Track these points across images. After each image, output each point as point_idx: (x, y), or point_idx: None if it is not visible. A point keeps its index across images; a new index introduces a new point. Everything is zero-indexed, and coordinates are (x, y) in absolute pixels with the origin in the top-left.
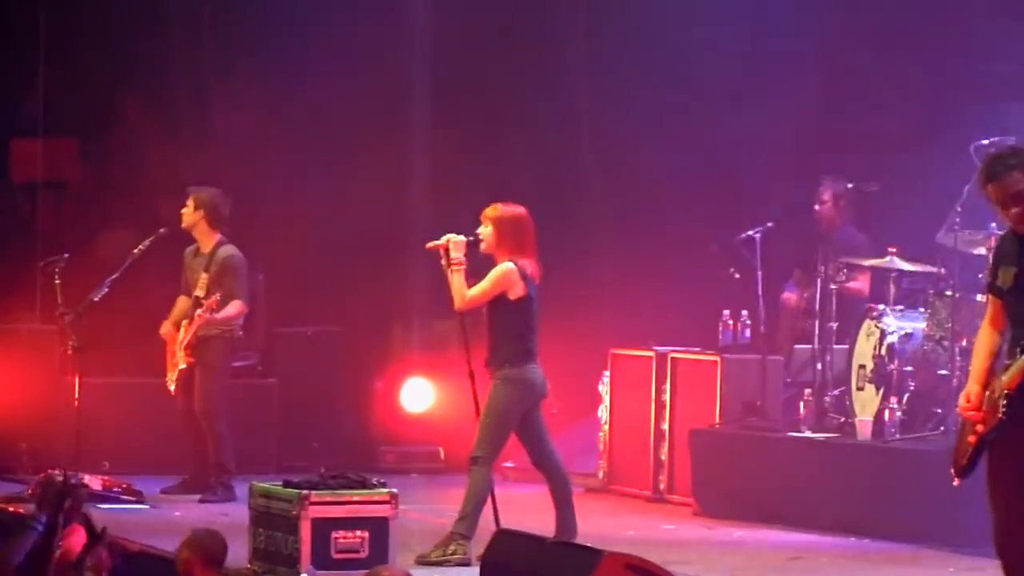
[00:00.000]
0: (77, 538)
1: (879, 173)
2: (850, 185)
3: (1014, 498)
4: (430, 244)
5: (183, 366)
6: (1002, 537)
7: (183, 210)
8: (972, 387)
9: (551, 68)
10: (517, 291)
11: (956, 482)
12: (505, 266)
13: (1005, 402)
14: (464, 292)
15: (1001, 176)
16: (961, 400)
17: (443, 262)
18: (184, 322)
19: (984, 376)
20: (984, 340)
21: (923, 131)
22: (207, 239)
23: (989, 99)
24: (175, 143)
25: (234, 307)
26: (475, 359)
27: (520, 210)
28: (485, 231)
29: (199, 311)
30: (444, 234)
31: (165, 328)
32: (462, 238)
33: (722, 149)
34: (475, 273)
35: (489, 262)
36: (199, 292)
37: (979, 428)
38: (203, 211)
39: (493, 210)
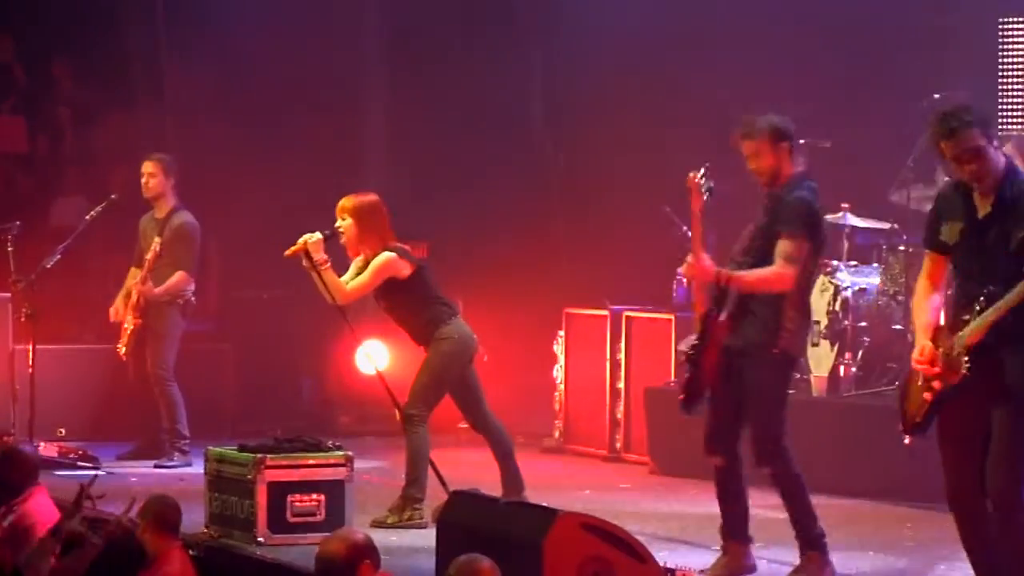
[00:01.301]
0: (34, 503)
1: (831, 129)
2: (802, 141)
3: (967, 455)
4: (288, 251)
5: (130, 327)
6: (955, 494)
7: (150, 180)
8: (924, 342)
9: (506, 34)
10: (404, 271)
11: (907, 440)
12: (384, 257)
13: (967, 358)
14: (342, 287)
15: (957, 132)
16: (916, 354)
17: (305, 264)
18: (134, 283)
19: (932, 332)
20: (925, 296)
21: (873, 86)
22: (165, 205)
23: (935, 51)
24: (127, 112)
25: (176, 277)
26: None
27: (374, 197)
28: (344, 223)
29: (141, 276)
30: (305, 233)
31: (115, 307)
32: (318, 235)
33: (673, 107)
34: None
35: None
36: (149, 256)
37: (935, 384)
38: (173, 178)
39: (349, 201)
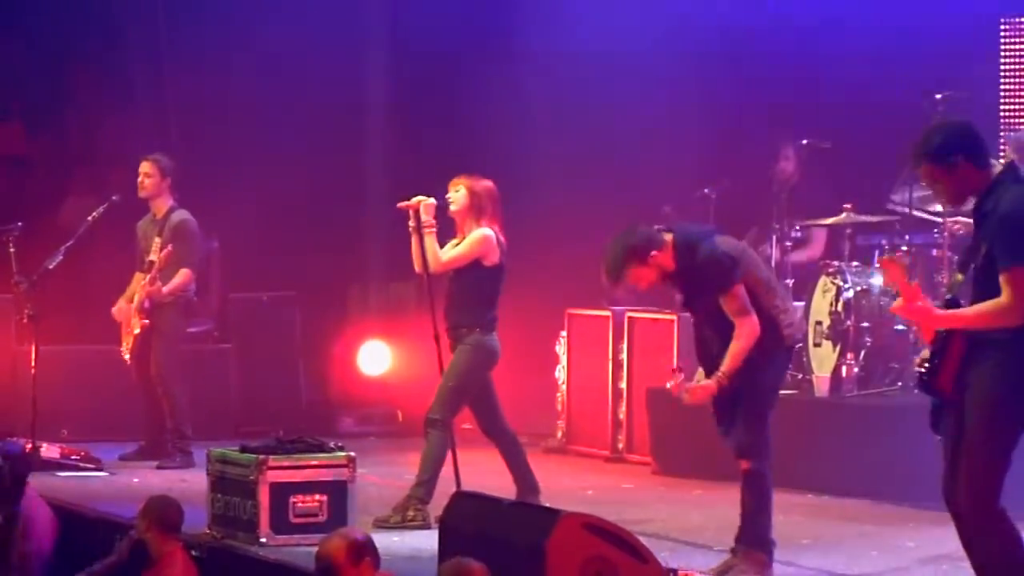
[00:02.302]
0: (25, 502)
1: (832, 130)
2: (804, 142)
3: (953, 450)
4: (401, 203)
5: (137, 331)
6: (946, 493)
7: (146, 180)
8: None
9: (506, 31)
10: (493, 258)
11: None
12: (484, 231)
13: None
14: (439, 255)
15: (914, 160)
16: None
17: (411, 223)
18: (140, 285)
19: None
20: None
21: (874, 86)
22: (163, 205)
23: (937, 51)
24: (128, 112)
25: (181, 276)
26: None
27: (491, 183)
28: (456, 195)
29: (149, 276)
30: (415, 195)
31: (118, 306)
32: (433, 200)
33: (674, 107)
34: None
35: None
36: (152, 257)
37: None
38: (170, 179)
39: (467, 178)
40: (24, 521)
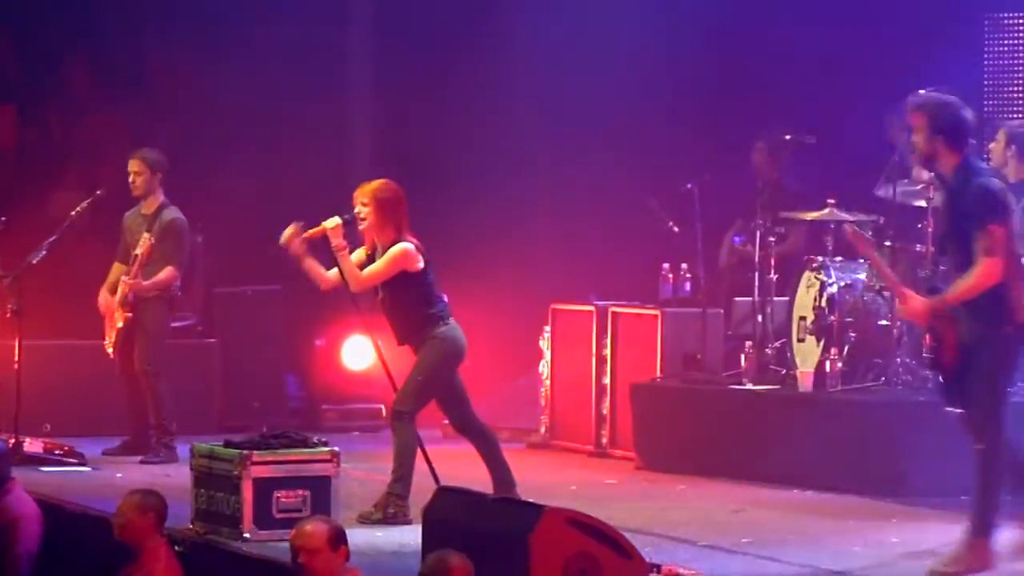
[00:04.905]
0: (13, 498)
1: (817, 124)
2: (788, 137)
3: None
4: (307, 233)
5: (120, 324)
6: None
7: (136, 179)
8: None
9: (493, 20)
10: (417, 265)
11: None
12: (402, 246)
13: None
14: (357, 274)
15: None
16: None
17: (332, 244)
18: (122, 278)
19: None
20: None
21: (859, 81)
22: (154, 200)
23: (921, 46)
24: (112, 107)
25: (166, 272)
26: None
27: (395, 186)
28: (365, 211)
29: (132, 270)
30: (330, 217)
31: (102, 298)
32: (337, 220)
33: (658, 101)
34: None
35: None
36: (138, 251)
37: None
38: (160, 173)
39: (369, 187)
40: (13, 522)
